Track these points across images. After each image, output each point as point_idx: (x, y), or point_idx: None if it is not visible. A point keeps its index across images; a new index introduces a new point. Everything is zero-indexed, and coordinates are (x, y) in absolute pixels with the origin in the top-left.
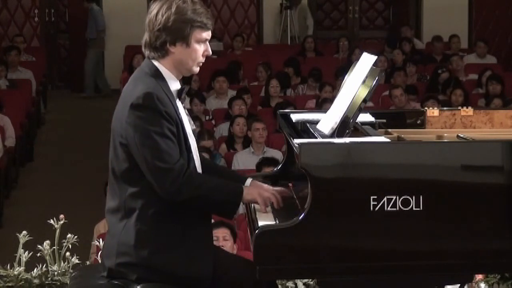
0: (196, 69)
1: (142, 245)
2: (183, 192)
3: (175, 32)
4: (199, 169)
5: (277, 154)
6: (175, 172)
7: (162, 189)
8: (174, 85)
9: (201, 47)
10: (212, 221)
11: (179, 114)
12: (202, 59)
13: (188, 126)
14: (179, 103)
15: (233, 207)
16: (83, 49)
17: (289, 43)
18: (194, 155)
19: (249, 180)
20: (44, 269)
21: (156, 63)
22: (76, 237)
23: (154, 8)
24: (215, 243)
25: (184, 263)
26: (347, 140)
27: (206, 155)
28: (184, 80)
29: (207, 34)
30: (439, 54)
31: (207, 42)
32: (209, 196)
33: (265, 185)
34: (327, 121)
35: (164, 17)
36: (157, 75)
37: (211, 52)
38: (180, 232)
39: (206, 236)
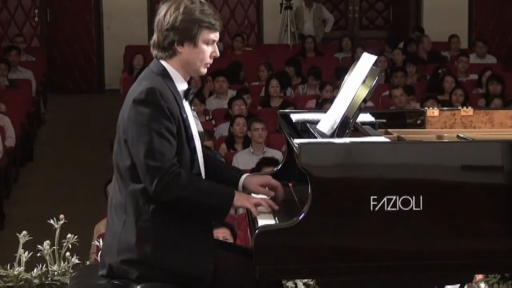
0: (204, 70)
1: (144, 243)
2: (169, 191)
3: (183, 32)
4: (202, 171)
5: (277, 154)
6: (163, 171)
7: (150, 187)
8: (181, 85)
9: (208, 48)
10: None
11: (184, 113)
12: (209, 60)
13: (195, 127)
14: (186, 104)
15: (222, 213)
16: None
17: (289, 43)
18: (199, 156)
19: (242, 178)
20: (44, 269)
21: (164, 63)
22: (76, 237)
23: (163, 8)
24: None
25: (185, 260)
26: (347, 140)
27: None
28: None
29: (215, 35)
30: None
31: (215, 44)
32: (197, 198)
33: (252, 195)
34: (327, 121)
35: (172, 17)
36: (165, 74)
37: (218, 54)
38: (180, 230)
39: (207, 233)
